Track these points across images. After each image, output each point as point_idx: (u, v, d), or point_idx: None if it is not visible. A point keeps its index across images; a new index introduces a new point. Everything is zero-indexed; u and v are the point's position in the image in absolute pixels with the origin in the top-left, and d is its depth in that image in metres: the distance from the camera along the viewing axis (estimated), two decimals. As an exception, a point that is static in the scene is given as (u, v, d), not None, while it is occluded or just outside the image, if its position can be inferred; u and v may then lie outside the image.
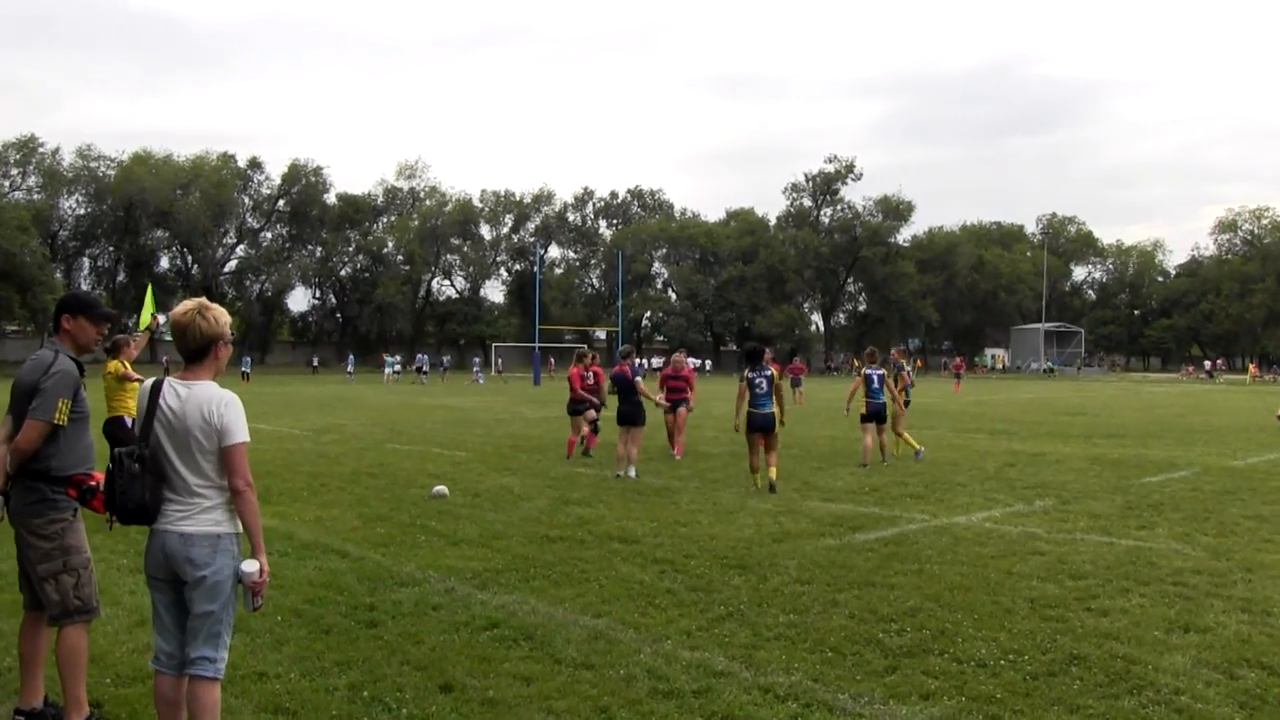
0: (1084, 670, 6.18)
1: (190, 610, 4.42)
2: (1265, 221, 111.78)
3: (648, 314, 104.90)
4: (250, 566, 4.44)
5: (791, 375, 37.06)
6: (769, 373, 14.29)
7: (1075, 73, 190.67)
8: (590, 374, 18.02)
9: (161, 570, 4.44)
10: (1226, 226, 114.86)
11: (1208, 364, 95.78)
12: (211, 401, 4.41)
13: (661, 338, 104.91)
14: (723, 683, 5.87)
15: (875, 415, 17.06)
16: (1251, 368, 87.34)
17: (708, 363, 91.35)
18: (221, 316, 4.55)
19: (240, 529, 4.48)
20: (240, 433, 4.43)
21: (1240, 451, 20.06)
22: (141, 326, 10.35)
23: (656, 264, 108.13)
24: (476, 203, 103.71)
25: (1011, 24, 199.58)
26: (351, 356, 68.79)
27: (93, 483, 4.97)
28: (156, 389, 4.49)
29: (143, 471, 4.35)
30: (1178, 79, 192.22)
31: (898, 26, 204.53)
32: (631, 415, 15.38)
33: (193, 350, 4.50)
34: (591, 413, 17.64)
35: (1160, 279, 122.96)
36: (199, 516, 4.39)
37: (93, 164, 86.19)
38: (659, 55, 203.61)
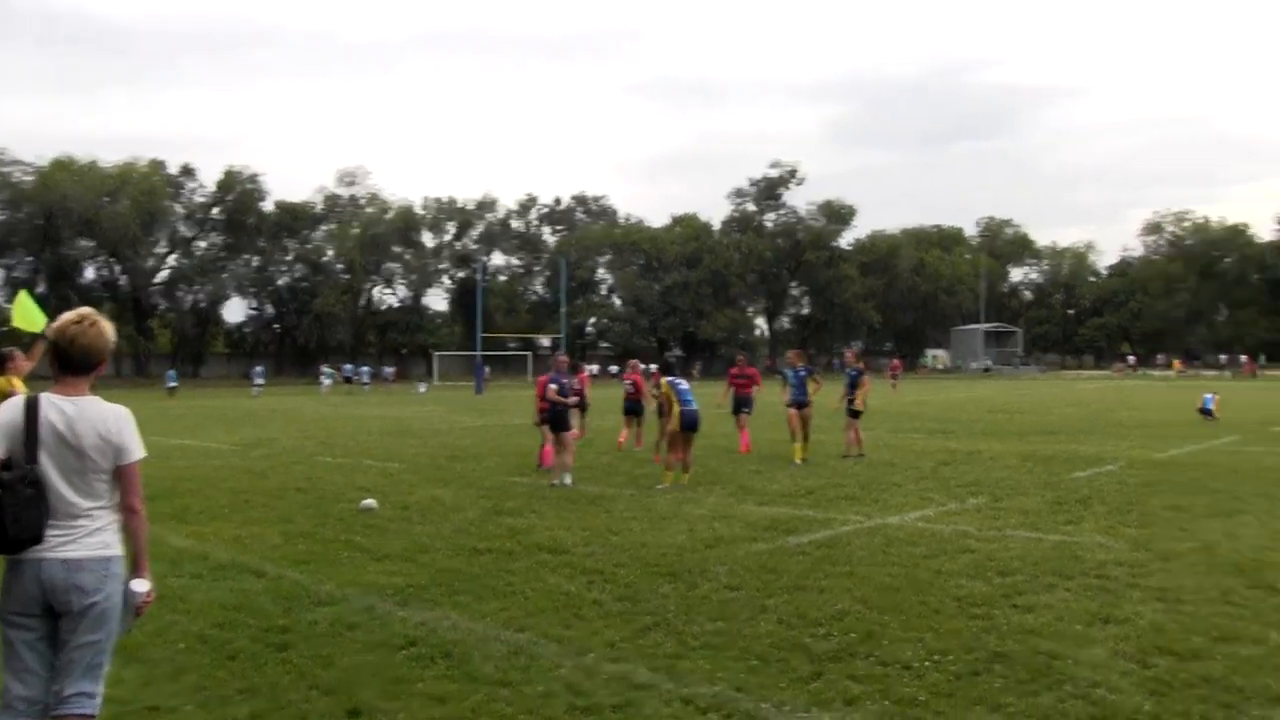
0: (1007, 668, 6.17)
1: (69, 642, 4.15)
2: (1187, 224, 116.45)
3: (592, 320, 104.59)
4: (142, 586, 4.27)
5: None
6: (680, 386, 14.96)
7: (1013, 79, 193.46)
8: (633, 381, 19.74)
9: (34, 604, 4.13)
10: (1152, 229, 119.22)
11: (1131, 358, 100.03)
12: (108, 418, 4.22)
13: (606, 344, 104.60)
14: (644, 696, 5.76)
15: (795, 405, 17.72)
16: (1176, 363, 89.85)
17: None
18: (110, 330, 4.35)
19: (122, 551, 4.28)
20: (139, 449, 4.27)
21: (1163, 444, 20.43)
22: (37, 329, 8.70)
23: (601, 270, 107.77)
24: (419, 210, 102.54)
25: (951, 31, 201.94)
26: (259, 369, 64.52)
27: None
28: (33, 406, 4.21)
29: (37, 496, 4.11)
30: (1109, 86, 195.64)
31: (839, 32, 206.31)
32: (561, 422, 15.24)
33: (78, 363, 4.26)
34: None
35: (1092, 279, 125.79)
36: (85, 540, 4.16)
37: (6, 169, 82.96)
38: (602, 60, 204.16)
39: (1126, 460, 17.40)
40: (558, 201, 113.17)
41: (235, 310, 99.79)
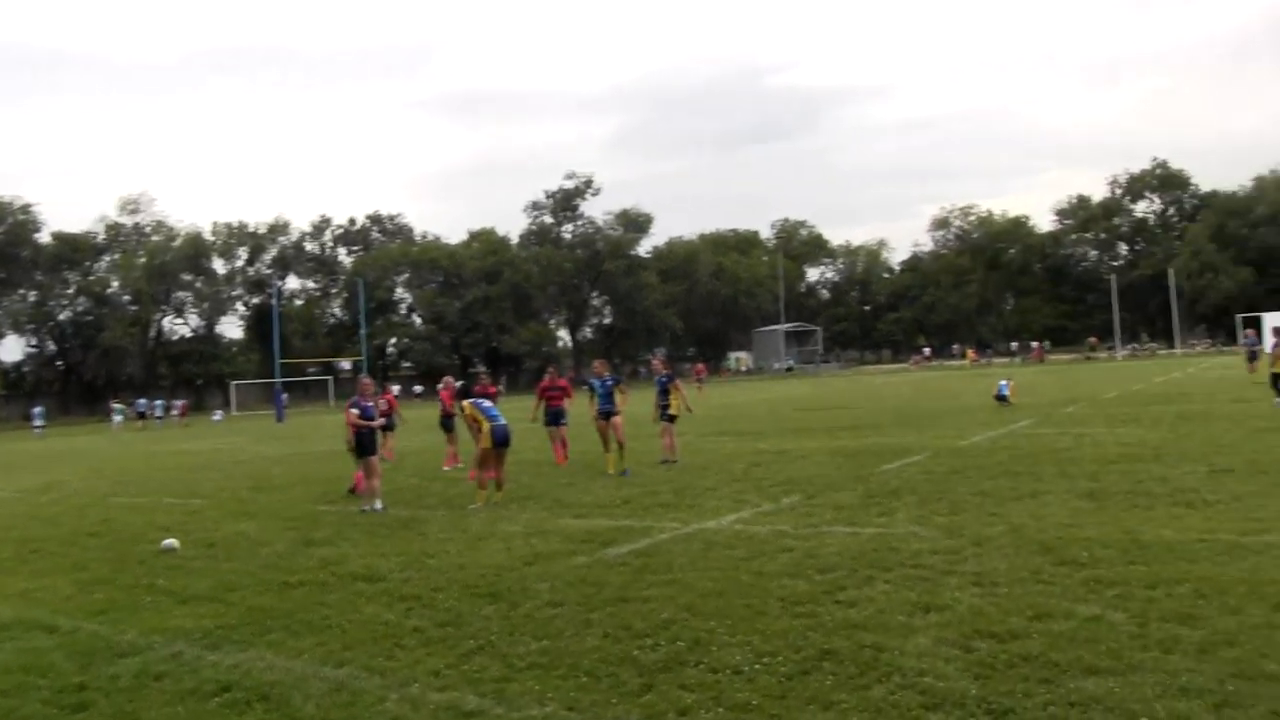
0: (836, 664, 6.22)
1: None
2: (973, 217, 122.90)
3: (393, 340, 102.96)
4: None
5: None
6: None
7: (800, 81, 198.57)
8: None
9: None
10: (940, 223, 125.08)
11: (927, 350, 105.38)
12: None
13: (408, 364, 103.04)
14: (473, 723, 5.57)
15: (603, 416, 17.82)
16: (970, 353, 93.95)
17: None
18: None
19: None
20: None
21: (965, 432, 21.21)
22: None
23: (400, 289, 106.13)
24: (208, 235, 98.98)
25: (738, 36, 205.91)
26: (39, 409, 61.47)
27: None
28: None
29: None
30: (896, 86, 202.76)
31: (627, 40, 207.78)
32: (368, 446, 14.82)
33: None
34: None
35: (886, 275, 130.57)
36: None
37: None
38: (390, 77, 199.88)
39: (932, 450, 17.96)
40: (352, 222, 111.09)
41: (11, 349, 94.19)
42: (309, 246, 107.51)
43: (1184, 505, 10.87)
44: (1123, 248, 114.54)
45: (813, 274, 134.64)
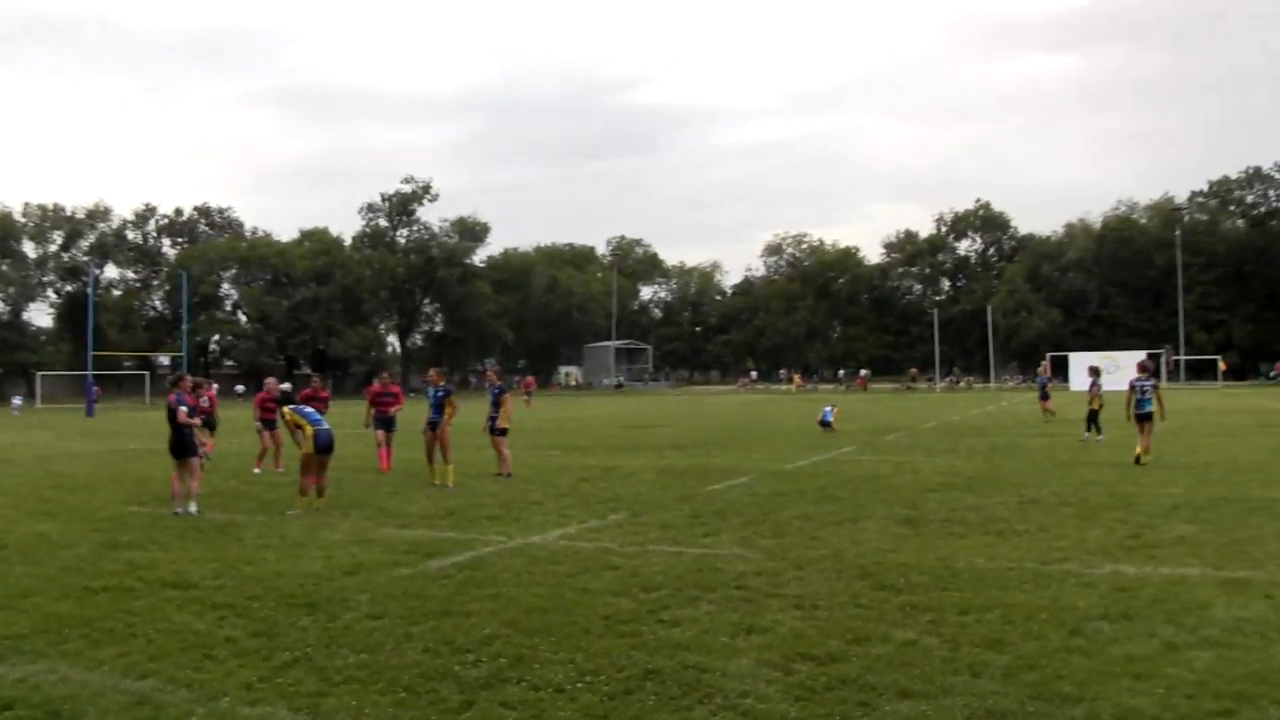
0: (658, 684, 6.21)
1: None
2: (805, 246, 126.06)
3: (216, 337, 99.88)
4: None
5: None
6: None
7: (643, 100, 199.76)
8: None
9: None
10: (773, 250, 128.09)
11: (754, 374, 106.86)
12: None
13: (231, 362, 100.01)
14: (286, 739, 5.38)
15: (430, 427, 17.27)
16: (796, 378, 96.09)
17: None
18: None
19: None
20: None
21: (789, 456, 21.64)
22: None
23: (226, 285, 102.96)
24: (18, 217, 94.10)
25: (590, 48, 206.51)
26: None
27: None
28: None
29: None
30: (737, 110, 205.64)
31: (475, 46, 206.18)
32: (182, 447, 14.25)
33: None
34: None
35: (719, 297, 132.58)
36: None
37: None
38: (225, 66, 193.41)
39: (757, 472, 18.25)
40: (179, 212, 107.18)
41: None
42: (131, 235, 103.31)
43: (995, 534, 11.31)
44: (946, 283, 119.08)
45: (646, 292, 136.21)
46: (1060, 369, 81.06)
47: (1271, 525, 11.66)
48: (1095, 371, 25.64)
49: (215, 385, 25.07)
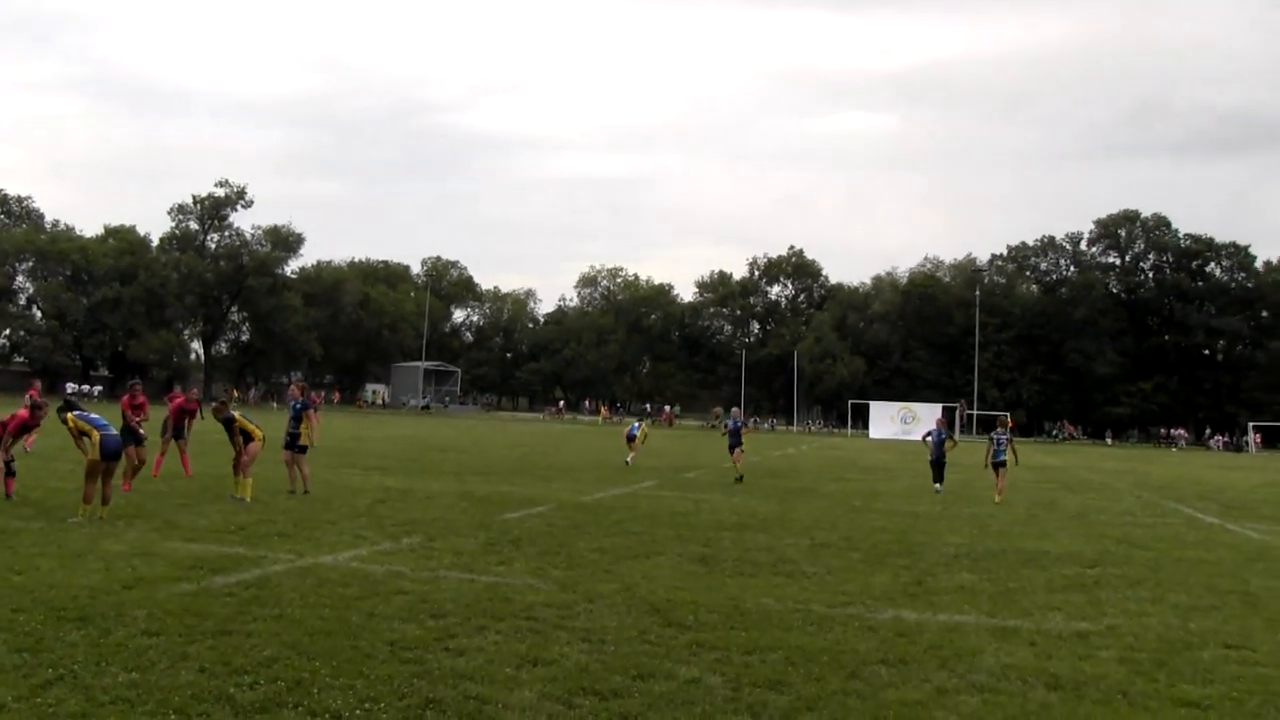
0: (439, 714, 6.14)
1: None
2: (620, 280, 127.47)
3: (7, 332, 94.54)
4: None
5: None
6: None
7: (466, 124, 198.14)
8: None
9: None
10: (588, 281, 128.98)
11: (562, 403, 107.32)
12: None
13: (21, 358, 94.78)
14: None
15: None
16: (603, 410, 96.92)
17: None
18: None
19: None
20: None
21: (589, 487, 21.73)
22: None
23: (21, 278, 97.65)
24: None
25: (417, 68, 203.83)
26: None
27: None
28: None
29: None
30: (559, 139, 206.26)
31: (299, 53, 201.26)
32: None
33: None
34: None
35: (531, 325, 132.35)
36: None
37: None
38: (33, 48, 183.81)
39: (556, 502, 18.24)
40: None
41: None
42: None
43: (785, 575, 11.55)
44: (755, 326, 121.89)
45: (459, 315, 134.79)
46: (860, 416, 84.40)
47: (1040, 576, 12.27)
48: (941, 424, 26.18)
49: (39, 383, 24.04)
